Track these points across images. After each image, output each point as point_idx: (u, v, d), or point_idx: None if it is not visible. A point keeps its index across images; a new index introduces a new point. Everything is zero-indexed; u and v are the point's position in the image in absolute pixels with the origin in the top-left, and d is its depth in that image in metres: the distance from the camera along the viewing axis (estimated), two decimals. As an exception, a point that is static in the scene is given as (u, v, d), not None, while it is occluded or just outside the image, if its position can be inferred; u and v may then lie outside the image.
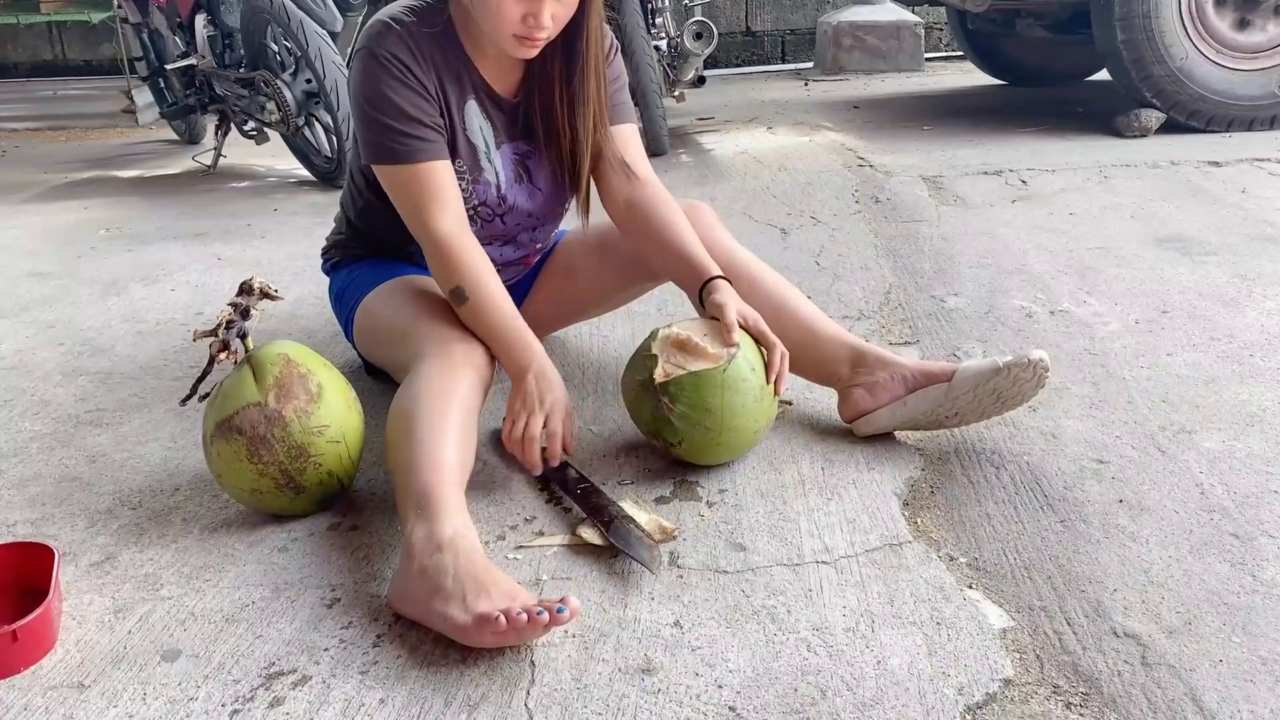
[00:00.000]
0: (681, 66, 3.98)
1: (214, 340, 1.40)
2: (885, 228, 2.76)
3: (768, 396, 1.49)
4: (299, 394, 1.39)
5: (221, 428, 1.38)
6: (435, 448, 1.32)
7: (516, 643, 1.13)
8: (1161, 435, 1.56)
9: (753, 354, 1.50)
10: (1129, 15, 3.51)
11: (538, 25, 1.44)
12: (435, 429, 1.34)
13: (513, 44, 1.48)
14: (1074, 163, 3.34)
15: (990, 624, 1.16)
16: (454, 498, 1.27)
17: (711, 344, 1.48)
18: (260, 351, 1.42)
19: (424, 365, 1.44)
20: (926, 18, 6.41)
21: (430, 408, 1.36)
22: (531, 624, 1.09)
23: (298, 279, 2.61)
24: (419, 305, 1.60)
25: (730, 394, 1.45)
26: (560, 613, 1.09)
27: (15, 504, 1.54)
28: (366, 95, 1.52)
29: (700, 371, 1.45)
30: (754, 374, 1.47)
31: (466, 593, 1.14)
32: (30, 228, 3.38)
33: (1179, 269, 2.29)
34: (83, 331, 2.30)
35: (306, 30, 3.31)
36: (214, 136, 4.25)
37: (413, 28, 1.54)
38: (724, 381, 1.44)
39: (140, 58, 4.54)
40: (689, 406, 1.45)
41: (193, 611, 1.25)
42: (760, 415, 1.49)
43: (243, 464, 1.37)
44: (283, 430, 1.37)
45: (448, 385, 1.40)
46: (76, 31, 6.68)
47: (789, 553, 1.31)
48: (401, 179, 1.53)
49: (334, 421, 1.41)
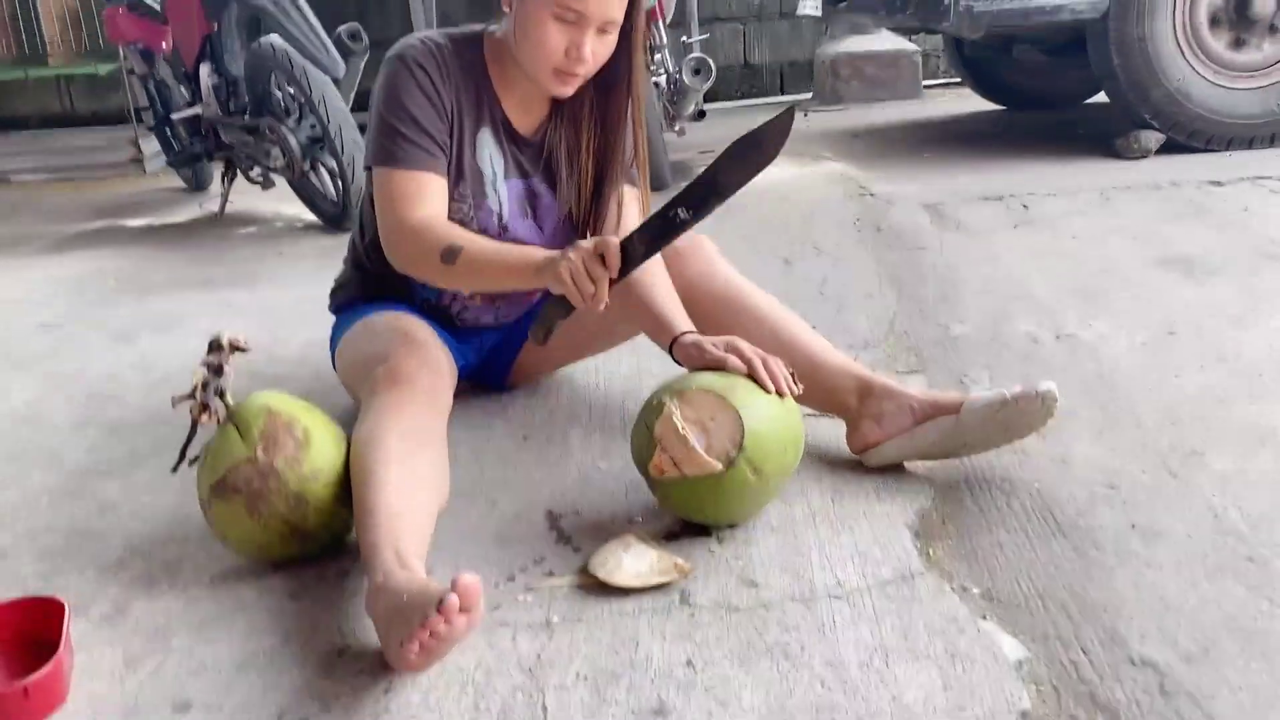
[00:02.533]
0: (681, 102, 4.01)
1: (193, 403, 1.40)
2: (888, 256, 2.76)
3: (774, 484, 1.42)
4: (286, 443, 1.39)
5: (217, 490, 1.38)
6: (372, 497, 1.31)
7: (448, 648, 1.14)
8: (1172, 458, 1.55)
9: (764, 432, 1.37)
10: (1124, 38, 3.53)
11: (579, 58, 1.48)
12: (375, 477, 1.33)
13: (550, 78, 1.52)
14: (1075, 186, 3.35)
15: (1006, 655, 1.15)
16: (383, 540, 1.26)
17: (716, 435, 1.36)
18: (242, 406, 1.42)
19: (375, 399, 1.45)
20: (924, 45, 6.45)
21: (372, 454, 1.36)
22: (435, 635, 1.09)
23: (305, 322, 2.62)
24: (382, 336, 1.61)
25: (727, 499, 1.39)
26: (444, 603, 1.08)
27: (26, 556, 1.55)
28: (385, 98, 1.58)
29: (694, 477, 1.36)
30: (757, 476, 1.37)
31: (391, 634, 1.15)
32: (41, 279, 3.41)
33: (1184, 289, 2.29)
34: (93, 382, 2.31)
35: (310, 77, 3.35)
36: (221, 183, 4.28)
37: (444, 49, 1.60)
38: (721, 488, 1.37)
39: (147, 108, 4.58)
40: (682, 506, 1.44)
41: (204, 662, 1.25)
42: (765, 497, 1.44)
43: (244, 521, 1.37)
44: (277, 481, 1.37)
45: (393, 421, 1.40)
46: (84, 84, 6.75)
47: (801, 587, 1.31)
48: (394, 181, 1.57)
49: (326, 465, 1.41)
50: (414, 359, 1.52)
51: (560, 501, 1.58)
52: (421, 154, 1.56)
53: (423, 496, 1.36)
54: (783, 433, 1.41)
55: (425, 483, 1.37)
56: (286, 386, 2.12)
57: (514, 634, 1.25)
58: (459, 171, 1.63)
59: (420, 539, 1.31)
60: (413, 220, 1.55)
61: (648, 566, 1.35)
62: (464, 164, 1.63)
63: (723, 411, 1.38)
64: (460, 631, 1.12)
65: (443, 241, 1.52)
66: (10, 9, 6.08)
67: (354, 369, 1.68)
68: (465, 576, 1.11)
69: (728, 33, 6.75)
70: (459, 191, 1.63)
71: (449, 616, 1.09)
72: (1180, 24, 3.54)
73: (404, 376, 1.48)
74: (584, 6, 1.45)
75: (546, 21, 1.47)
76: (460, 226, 1.59)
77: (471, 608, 1.12)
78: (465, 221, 1.65)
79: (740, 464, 1.36)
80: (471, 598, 1.11)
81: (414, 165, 1.56)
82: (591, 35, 1.48)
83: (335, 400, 2.01)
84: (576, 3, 1.45)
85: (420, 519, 1.33)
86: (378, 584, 1.21)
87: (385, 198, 1.58)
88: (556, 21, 1.47)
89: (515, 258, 1.50)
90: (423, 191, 1.57)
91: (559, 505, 1.57)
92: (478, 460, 1.74)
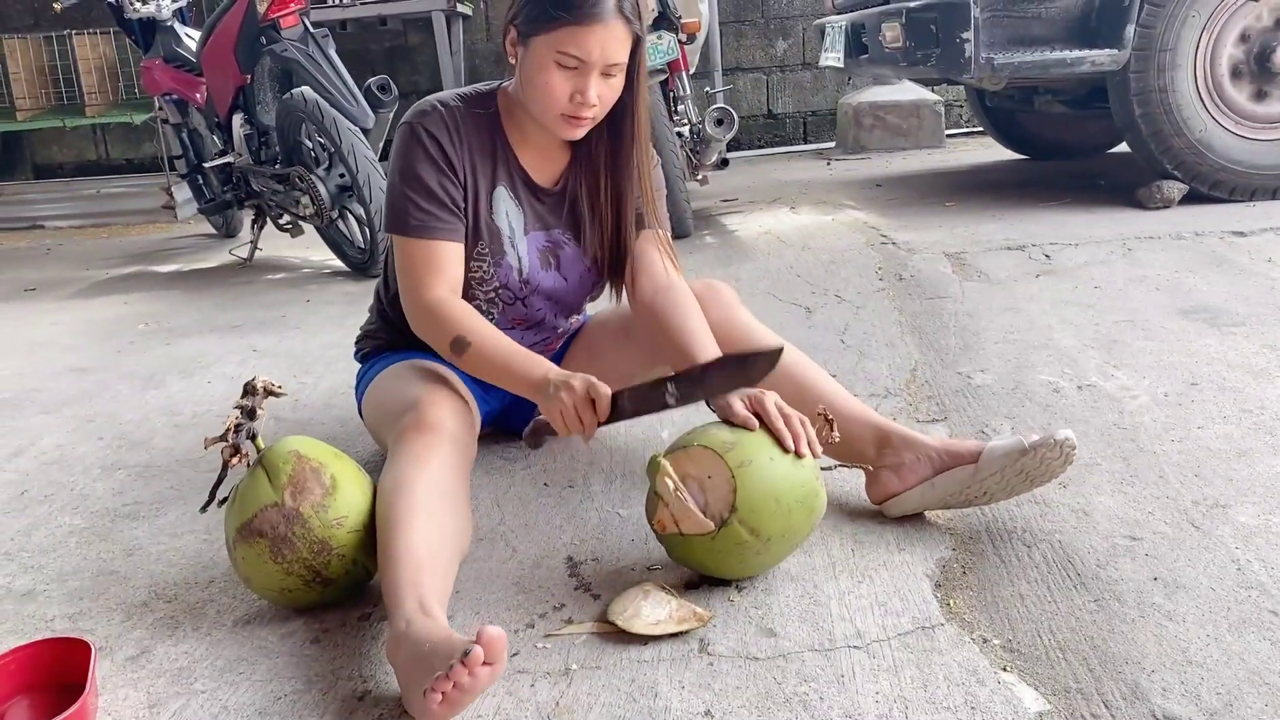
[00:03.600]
0: (704, 151, 4.06)
1: (225, 446, 1.43)
2: (910, 305, 2.77)
3: (778, 545, 1.39)
4: (314, 489, 1.41)
5: (243, 532, 1.40)
6: (397, 545, 1.33)
7: (471, 699, 1.14)
8: (1195, 510, 1.54)
9: (762, 494, 1.36)
10: (1145, 90, 3.55)
11: (584, 103, 1.51)
12: (401, 526, 1.35)
13: (560, 124, 1.55)
14: (1097, 236, 3.36)
15: (1026, 707, 1.14)
16: (407, 588, 1.27)
17: (712, 494, 1.37)
18: (271, 451, 1.44)
19: (401, 446, 1.47)
20: (946, 95, 6.51)
21: (398, 503, 1.38)
22: (459, 687, 1.10)
23: (331, 368, 2.65)
24: (409, 382, 1.63)
25: (725, 557, 1.38)
26: (469, 655, 1.09)
27: (54, 598, 1.57)
28: (400, 168, 1.62)
29: (690, 536, 1.38)
30: (754, 536, 1.35)
31: (413, 682, 1.16)
32: (72, 323, 3.47)
33: (1207, 340, 2.28)
34: (121, 425, 2.35)
35: (339, 127, 3.42)
36: (250, 230, 4.37)
37: (457, 111, 1.63)
38: (715, 547, 1.37)
39: (180, 156, 4.69)
40: (687, 561, 1.44)
41: (226, 705, 1.26)
42: (768, 556, 1.40)
43: (268, 565, 1.39)
44: (302, 527, 1.39)
45: (419, 470, 1.42)
46: (119, 132, 6.92)
47: (820, 638, 1.30)
48: (410, 250, 1.61)
49: (351, 511, 1.43)
50: (441, 406, 1.54)
51: (580, 548, 1.59)
52: (435, 223, 1.60)
53: (447, 545, 1.37)
54: (787, 493, 1.37)
55: (449, 532, 1.39)
56: (312, 431, 2.15)
57: (533, 681, 1.26)
58: (476, 231, 1.66)
59: (443, 587, 1.32)
60: (428, 299, 1.59)
61: (667, 614, 1.35)
62: (481, 223, 1.66)
63: (719, 471, 1.37)
64: (484, 683, 1.13)
65: (453, 331, 1.55)
66: (50, 60, 6.25)
67: (380, 415, 1.70)
68: (490, 629, 1.12)
69: (751, 83, 6.84)
70: (478, 250, 1.66)
71: (473, 669, 1.10)
72: (1201, 76, 3.56)
73: (431, 424, 1.50)
74: (584, 53, 1.48)
75: (549, 69, 1.50)
76: (477, 312, 1.61)
77: (496, 660, 1.12)
78: (485, 279, 1.68)
79: (733, 524, 1.35)
80: (496, 650, 1.12)
81: (427, 235, 1.60)
82: (595, 79, 1.51)
83: (361, 446, 2.04)
84: (576, 49, 1.48)
85: (443, 567, 1.34)
86: (400, 631, 1.22)
87: (402, 266, 1.63)
88: (559, 68, 1.50)
89: (517, 368, 1.52)
90: (437, 261, 1.60)
91: (579, 552, 1.57)
92: (499, 506, 1.75)
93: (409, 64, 6.84)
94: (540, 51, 1.50)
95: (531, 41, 1.51)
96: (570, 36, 1.47)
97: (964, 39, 3.59)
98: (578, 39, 1.47)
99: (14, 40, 6.07)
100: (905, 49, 3.82)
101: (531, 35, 1.51)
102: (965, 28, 3.58)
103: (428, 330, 1.60)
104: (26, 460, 2.16)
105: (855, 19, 4.30)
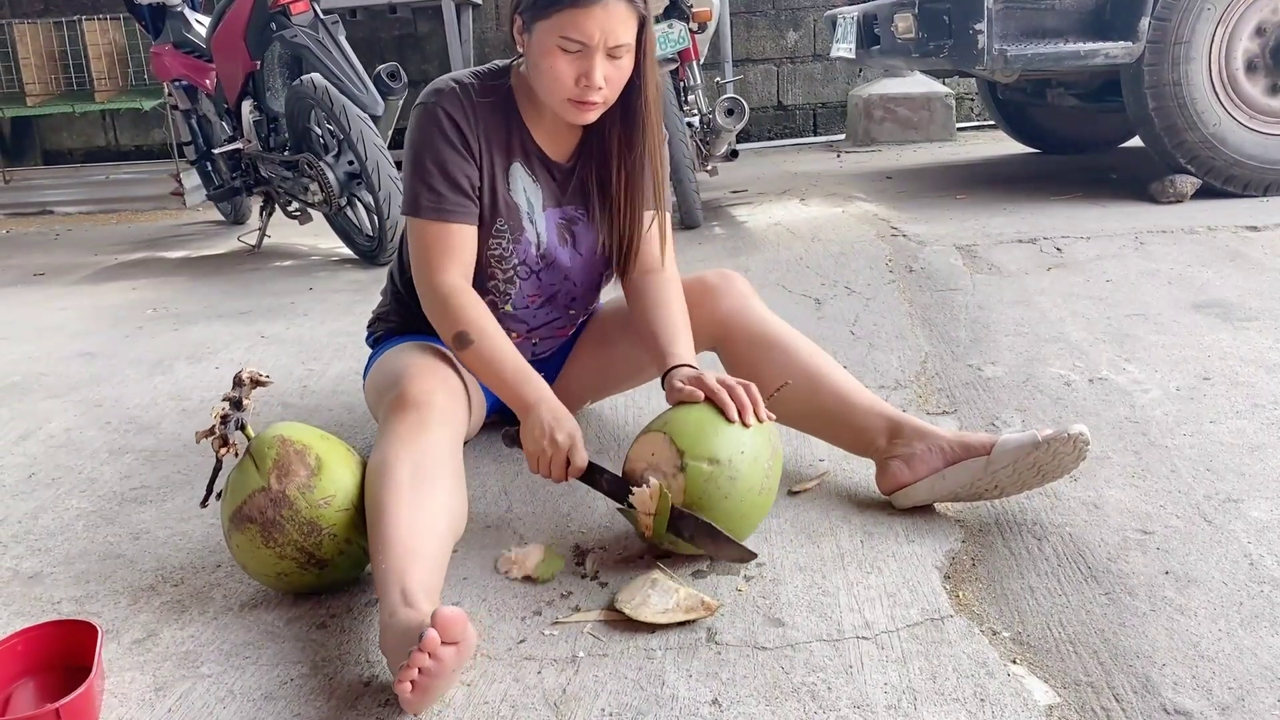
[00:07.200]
0: (714, 142, 4.04)
1: (214, 438, 1.43)
2: (920, 297, 2.76)
3: (748, 473, 1.42)
4: (298, 471, 1.41)
5: (235, 520, 1.40)
6: (383, 531, 1.32)
7: (443, 683, 1.14)
8: (1207, 504, 1.53)
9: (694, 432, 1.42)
10: (1159, 83, 3.53)
11: (590, 86, 1.50)
12: (386, 511, 1.34)
13: (568, 109, 1.54)
14: (1109, 229, 3.34)
15: (1036, 700, 1.14)
16: (391, 577, 1.26)
17: (663, 465, 1.43)
18: (258, 438, 1.45)
19: (388, 424, 1.46)
20: (957, 88, 6.48)
21: (383, 486, 1.37)
22: (425, 672, 1.09)
23: (339, 355, 2.65)
24: (402, 360, 1.62)
25: (706, 505, 1.41)
26: (424, 638, 1.09)
27: (61, 581, 1.57)
28: (416, 150, 1.62)
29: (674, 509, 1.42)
30: (715, 465, 1.40)
31: (393, 674, 1.16)
32: (80, 308, 3.47)
33: (1220, 335, 2.27)
34: (129, 410, 2.35)
35: (349, 114, 3.41)
36: (259, 217, 4.37)
37: (472, 89, 1.62)
38: (696, 503, 1.41)
39: (189, 142, 4.69)
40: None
41: (232, 689, 1.26)
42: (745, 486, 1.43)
43: (260, 550, 1.39)
44: (290, 509, 1.38)
45: (405, 450, 1.41)
46: (128, 118, 6.91)
47: (828, 628, 1.30)
48: (424, 232, 1.60)
49: (339, 490, 1.42)
50: (429, 380, 1.52)
51: (588, 537, 1.58)
52: (449, 205, 1.59)
53: (436, 528, 1.35)
54: (724, 426, 1.43)
55: (438, 514, 1.37)
56: (319, 418, 2.15)
57: (540, 668, 1.25)
58: (495, 208, 1.65)
59: (431, 573, 1.29)
60: (441, 284, 1.58)
61: (674, 603, 1.34)
62: (499, 200, 1.65)
63: (658, 442, 1.45)
64: (450, 665, 1.12)
65: (459, 325, 1.55)
66: (60, 45, 6.25)
67: (374, 394, 1.70)
68: (445, 609, 1.11)
69: (761, 74, 6.81)
70: (496, 228, 1.65)
71: (433, 651, 1.09)
72: (1216, 69, 3.53)
73: (418, 399, 1.48)
74: (585, 36, 1.47)
75: (553, 54, 1.49)
76: (488, 309, 1.61)
77: (458, 639, 1.11)
78: (505, 255, 1.67)
79: (689, 465, 1.41)
80: (453, 629, 1.10)
81: (442, 217, 1.59)
82: (601, 61, 1.49)
83: (369, 432, 2.03)
84: (577, 33, 1.47)
85: (431, 552, 1.32)
86: (384, 623, 1.22)
87: (416, 246, 1.62)
88: (563, 53, 1.49)
89: (509, 383, 1.53)
90: (451, 243, 1.60)
91: (586, 541, 1.57)
92: (506, 494, 1.75)
93: (418, 52, 6.82)
94: (544, 37, 1.49)
95: (535, 28, 1.50)
96: (570, 20, 1.46)
97: (977, 30, 3.57)
98: (578, 22, 1.46)
99: (24, 25, 6.06)
100: (918, 40, 3.79)
101: (535, 22, 1.50)
102: (979, 18, 3.56)
103: (436, 318, 1.60)
104: (34, 444, 2.17)
105: (867, 10, 4.28)
